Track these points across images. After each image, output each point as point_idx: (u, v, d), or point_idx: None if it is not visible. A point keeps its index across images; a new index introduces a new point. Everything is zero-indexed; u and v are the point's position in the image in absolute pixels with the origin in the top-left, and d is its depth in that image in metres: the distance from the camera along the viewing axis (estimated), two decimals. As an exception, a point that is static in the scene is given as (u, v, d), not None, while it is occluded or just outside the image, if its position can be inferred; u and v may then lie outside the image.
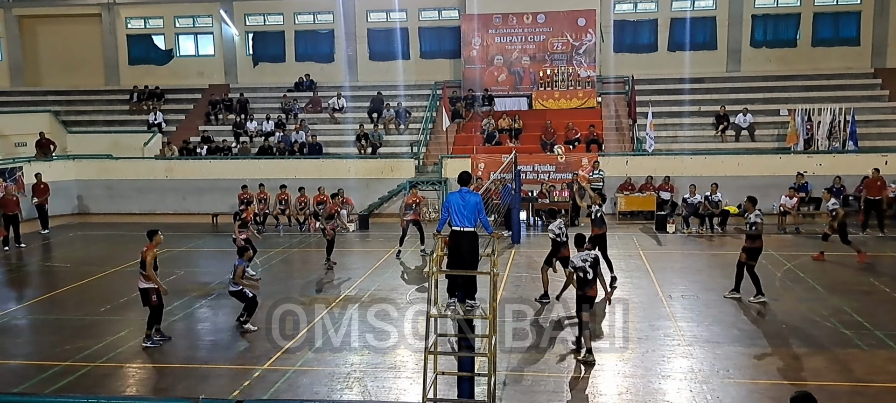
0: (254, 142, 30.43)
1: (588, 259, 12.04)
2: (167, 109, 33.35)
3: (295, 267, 19.58)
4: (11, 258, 21.20)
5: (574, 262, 12.16)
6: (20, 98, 34.71)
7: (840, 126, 26.93)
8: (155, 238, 13.16)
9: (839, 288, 15.69)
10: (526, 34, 31.62)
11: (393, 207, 26.73)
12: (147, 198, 28.23)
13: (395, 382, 11.08)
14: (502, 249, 19.02)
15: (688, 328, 13.28)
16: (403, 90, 32.35)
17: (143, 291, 12.91)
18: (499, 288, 10.66)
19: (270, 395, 10.57)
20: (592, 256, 12.17)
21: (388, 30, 33.87)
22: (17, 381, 11.38)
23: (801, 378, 10.91)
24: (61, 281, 18.03)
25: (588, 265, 11.96)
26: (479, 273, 9.96)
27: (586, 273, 11.93)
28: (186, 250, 21.59)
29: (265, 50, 35.13)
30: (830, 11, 31.78)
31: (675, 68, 31.86)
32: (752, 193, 24.30)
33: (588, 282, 11.95)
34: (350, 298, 15.63)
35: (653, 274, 17.17)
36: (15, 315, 15.30)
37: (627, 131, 29.39)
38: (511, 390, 10.64)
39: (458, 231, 9.98)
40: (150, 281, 12.79)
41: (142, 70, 35.46)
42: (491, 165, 25.20)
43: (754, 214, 14.89)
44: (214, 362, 12.21)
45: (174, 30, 35.76)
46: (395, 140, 30.03)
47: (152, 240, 13.10)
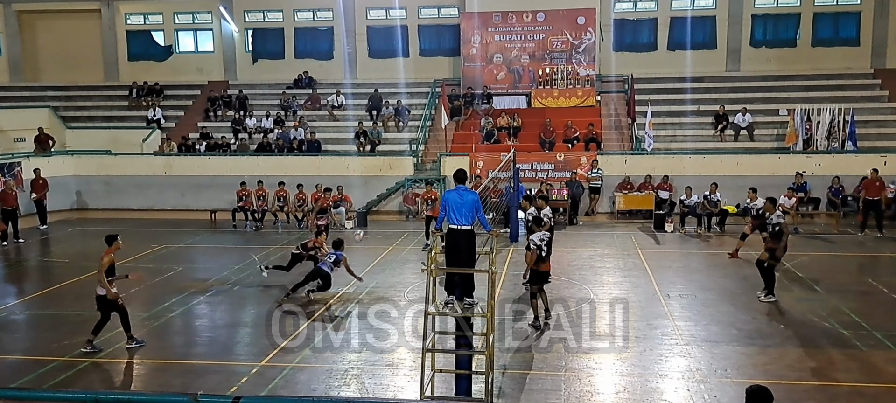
0: (253, 138, 30.41)
1: (545, 238, 13.67)
2: (166, 106, 33.33)
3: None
4: (10, 253, 21.18)
5: (534, 240, 13.48)
6: (19, 93, 34.67)
7: (839, 126, 26.93)
8: (114, 243, 12.64)
9: (838, 289, 15.69)
10: (525, 32, 31.60)
11: (391, 205, 26.76)
12: (145, 195, 28.22)
13: (392, 379, 11.08)
14: (500, 247, 19.01)
15: (686, 327, 13.28)
16: (403, 88, 32.29)
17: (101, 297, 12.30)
18: (497, 286, 10.66)
19: (268, 391, 10.57)
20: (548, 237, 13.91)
21: (387, 27, 33.85)
22: (14, 376, 11.38)
23: (799, 378, 10.92)
24: (59, 276, 18.00)
25: (544, 243, 13.55)
26: (477, 271, 9.96)
27: (542, 250, 13.42)
28: (184, 247, 21.58)
29: (264, 46, 35.10)
30: (830, 11, 31.79)
31: (674, 67, 31.86)
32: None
33: (543, 259, 13.50)
34: (348, 295, 15.61)
35: (651, 274, 17.17)
36: (13, 310, 15.29)
37: (626, 130, 29.38)
38: (508, 388, 10.64)
39: (456, 229, 9.98)
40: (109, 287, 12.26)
41: (141, 66, 35.43)
42: (490, 163, 25.21)
43: (776, 215, 15.09)
44: (212, 358, 12.21)
45: (173, 26, 35.75)
46: (394, 138, 30.01)
47: (111, 246, 12.59)
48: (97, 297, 12.38)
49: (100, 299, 12.34)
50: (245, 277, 17.46)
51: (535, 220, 15.32)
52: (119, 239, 12.89)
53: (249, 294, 16.10)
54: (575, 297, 15.28)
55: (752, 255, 16.92)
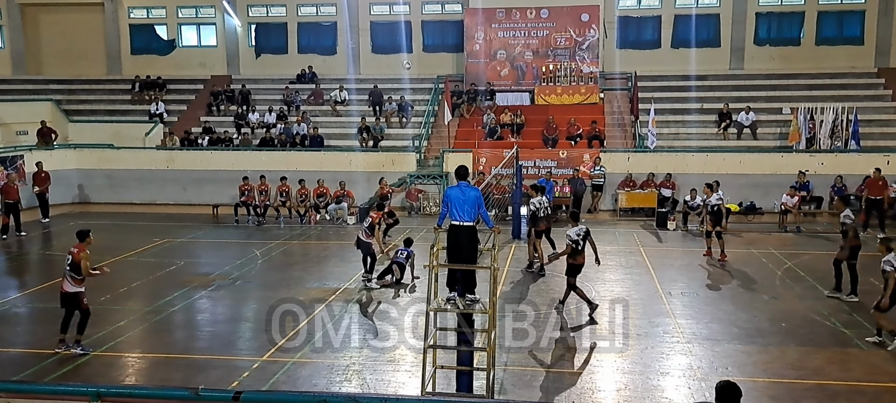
0: (255, 133, 30.39)
1: (580, 232, 14.03)
2: (169, 100, 33.30)
3: (295, 258, 19.56)
4: (12, 246, 21.19)
5: (569, 235, 14.02)
6: (22, 86, 34.66)
7: (842, 125, 26.86)
8: (87, 239, 12.19)
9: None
10: (529, 29, 31.55)
11: (394, 201, 26.68)
12: (148, 189, 28.22)
13: (394, 375, 11.08)
14: (502, 244, 19.00)
15: (687, 325, 13.27)
16: (407, 84, 32.23)
17: (71, 295, 11.95)
18: (499, 283, 10.66)
19: (269, 386, 10.57)
20: (584, 230, 14.15)
21: (391, 23, 33.80)
22: (15, 369, 11.40)
23: (800, 377, 10.91)
24: (61, 270, 17.87)
25: (580, 238, 13.97)
26: (479, 267, 9.95)
27: (577, 245, 13.90)
28: (186, 241, 21.58)
29: (268, 41, 35.07)
30: (834, 10, 31.72)
31: (678, 65, 31.79)
32: (754, 191, 24.48)
33: (579, 252, 13.98)
34: (350, 291, 15.62)
35: (653, 271, 17.16)
36: (15, 303, 15.32)
37: (629, 128, 29.35)
38: (509, 384, 10.64)
39: (458, 225, 9.96)
40: (79, 286, 11.94)
41: (144, 60, 35.40)
42: (492, 160, 25.20)
43: (843, 214, 15.17)
44: (213, 353, 12.22)
45: (177, 20, 35.71)
46: (397, 133, 29.99)
47: (84, 241, 12.13)
48: (68, 295, 11.97)
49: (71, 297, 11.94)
50: (247, 272, 17.48)
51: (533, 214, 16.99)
52: (91, 235, 12.40)
53: (251, 289, 16.12)
54: (576, 294, 15.26)
55: (754, 253, 16.91)
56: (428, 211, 25.57)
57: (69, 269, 11.98)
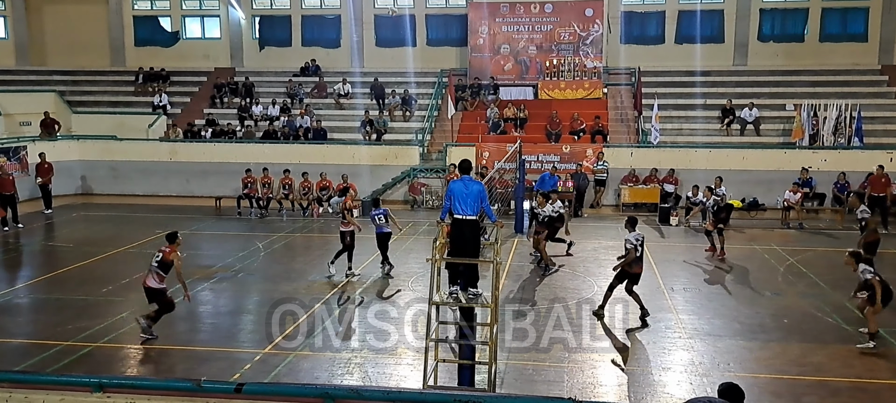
0: (258, 126, 30.39)
1: (639, 238, 13.19)
2: (172, 92, 33.30)
3: (297, 251, 19.59)
4: (10, 238, 21.13)
5: (629, 240, 13.18)
6: (25, 77, 34.64)
7: (846, 122, 26.81)
8: (176, 240, 12.51)
9: (842, 284, 15.55)
10: (533, 23, 31.50)
11: (397, 194, 26.72)
12: (150, 180, 28.22)
13: (395, 368, 11.10)
14: (505, 238, 19.00)
15: (689, 321, 13.27)
16: (412, 77, 32.21)
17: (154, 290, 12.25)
18: (501, 277, 10.66)
19: (271, 379, 10.58)
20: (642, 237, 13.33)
21: (395, 16, 33.72)
22: (18, 360, 11.42)
23: (802, 373, 10.91)
24: (63, 261, 18.06)
25: (639, 243, 13.10)
26: (482, 261, 9.95)
27: (638, 251, 13.03)
28: (189, 233, 21.52)
29: (271, 34, 35.03)
30: (838, 7, 31.62)
31: (681, 61, 31.73)
32: (757, 187, 24.46)
33: (638, 260, 13.11)
34: (352, 285, 15.64)
35: (655, 267, 17.13)
36: (17, 294, 15.35)
37: (633, 123, 29.31)
38: (511, 378, 10.64)
39: (461, 219, 9.94)
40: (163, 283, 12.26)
41: (147, 51, 35.38)
42: (496, 154, 25.18)
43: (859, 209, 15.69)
44: (215, 345, 12.24)
45: (181, 12, 35.68)
46: (401, 127, 29.98)
47: (174, 242, 12.45)
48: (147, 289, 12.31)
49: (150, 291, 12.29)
50: (249, 264, 17.50)
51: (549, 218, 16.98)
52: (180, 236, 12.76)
53: (253, 281, 16.15)
54: (578, 289, 15.29)
55: (756, 249, 16.90)
56: (430, 205, 25.58)
57: (157, 266, 12.24)
